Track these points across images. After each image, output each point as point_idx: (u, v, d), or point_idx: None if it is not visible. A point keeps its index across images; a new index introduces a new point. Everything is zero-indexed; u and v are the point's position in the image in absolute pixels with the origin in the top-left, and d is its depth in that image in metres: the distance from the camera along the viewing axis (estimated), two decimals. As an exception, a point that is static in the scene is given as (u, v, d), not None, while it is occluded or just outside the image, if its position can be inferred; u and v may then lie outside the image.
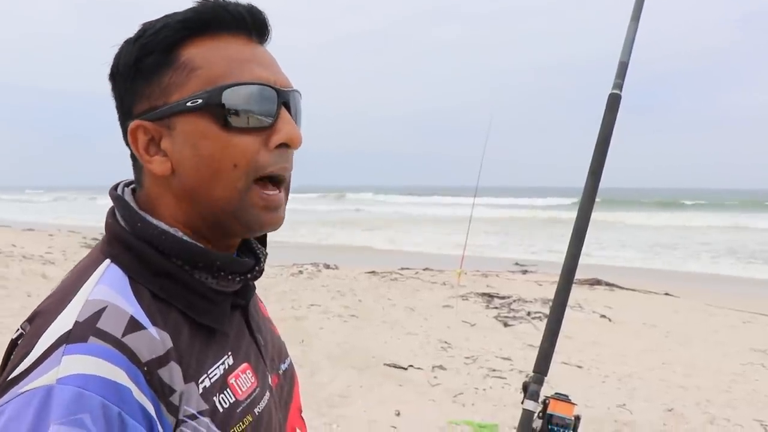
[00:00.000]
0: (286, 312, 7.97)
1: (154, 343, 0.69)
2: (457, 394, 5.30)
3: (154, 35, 0.74)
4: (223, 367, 0.78)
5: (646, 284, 11.40)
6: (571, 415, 1.19)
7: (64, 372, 0.62)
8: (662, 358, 6.73)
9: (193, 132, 0.73)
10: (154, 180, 0.77)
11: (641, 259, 16.60)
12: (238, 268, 0.80)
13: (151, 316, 0.71)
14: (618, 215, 30.44)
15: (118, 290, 0.71)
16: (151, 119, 0.74)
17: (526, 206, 41.15)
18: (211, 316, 0.78)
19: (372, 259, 14.74)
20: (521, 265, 14.39)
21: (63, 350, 0.63)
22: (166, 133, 0.74)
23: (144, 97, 0.75)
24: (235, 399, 0.77)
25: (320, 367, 5.78)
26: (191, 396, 0.72)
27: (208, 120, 0.73)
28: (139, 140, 0.75)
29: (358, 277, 11.50)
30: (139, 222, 0.75)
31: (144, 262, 0.74)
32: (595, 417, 4.84)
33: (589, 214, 1.30)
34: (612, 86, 1.34)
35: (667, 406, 5.22)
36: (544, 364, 1.22)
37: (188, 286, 0.76)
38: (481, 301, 9.49)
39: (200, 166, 0.74)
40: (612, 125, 1.33)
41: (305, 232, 20.82)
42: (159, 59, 0.74)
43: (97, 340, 0.65)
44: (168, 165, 0.75)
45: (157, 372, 0.68)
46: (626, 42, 1.37)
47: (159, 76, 0.74)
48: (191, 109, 0.73)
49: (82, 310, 0.67)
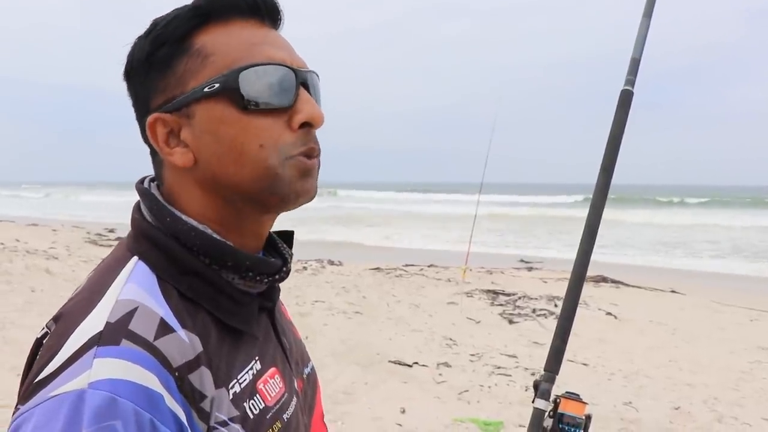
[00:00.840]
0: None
1: (184, 346, 0.67)
2: (462, 392, 5.27)
3: (165, 27, 0.72)
4: (252, 372, 0.76)
5: (652, 281, 11.36)
6: (582, 414, 1.17)
7: (95, 376, 0.60)
8: (669, 356, 6.70)
9: (212, 118, 0.71)
10: (177, 173, 0.75)
11: (647, 256, 16.55)
12: (266, 269, 0.77)
13: (180, 317, 0.69)
14: (624, 212, 30.38)
15: (147, 289, 0.69)
16: (169, 110, 0.73)
17: (529, 204, 41.11)
18: (240, 318, 0.76)
19: (376, 255, 14.74)
20: (526, 261, 14.37)
21: (94, 353, 0.61)
22: (185, 123, 0.73)
23: (160, 90, 0.73)
24: (264, 405, 0.76)
25: (324, 364, 5.75)
26: (222, 402, 0.70)
27: (226, 104, 0.71)
28: (158, 134, 0.73)
29: (362, 273, 11.49)
30: (169, 217, 0.73)
31: (171, 260, 0.72)
32: (601, 415, 4.81)
33: (601, 210, 1.29)
34: (624, 82, 1.32)
35: (673, 404, 5.19)
36: (555, 363, 1.20)
37: (216, 285, 0.73)
38: (486, 298, 9.47)
39: (224, 151, 0.71)
40: (624, 122, 1.31)
41: (307, 228, 20.82)
42: (172, 50, 0.72)
43: (129, 343, 0.63)
44: (190, 155, 0.73)
45: (188, 377, 0.66)
46: (638, 38, 1.36)
47: (173, 67, 0.72)
48: (208, 94, 0.71)
49: (113, 310, 0.65)
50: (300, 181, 0.74)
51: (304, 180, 0.74)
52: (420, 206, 38.62)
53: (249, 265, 0.75)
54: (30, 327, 6.03)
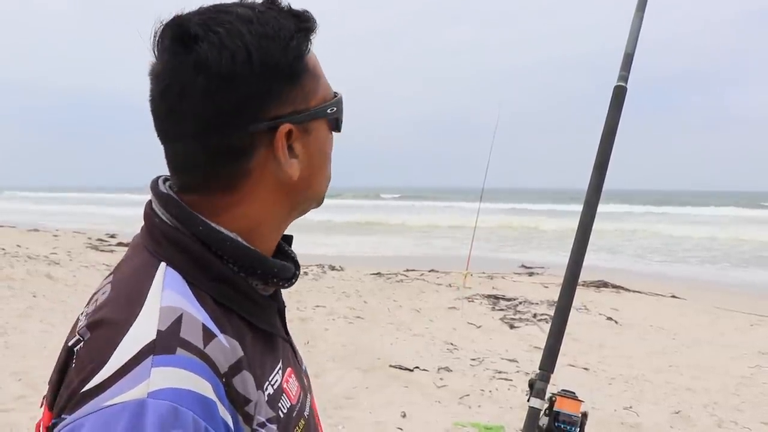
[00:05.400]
0: (291, 313, 7.96)
1: (226, 351, 0.67)
2: (463, 396, 5.28)
3: (299, 38, 0.74)
4: (280, 372, 0.78)
5: (653, 286, 11.34)
6: (578, 412, 1.17)
7: (155, 385, 0.59)
8: (669, 361, 6.70)
9: (323, 136, 0.80)
10: (268, 183, 0.75)
11: (647, 262, 16.53)
12: (287, 274, 0.80)
13: (218, 322, 0.69)
14: (624, 216, 30.33)
15: (185, 296, 0.68)
16: (295, 122, 0.75)
17: (531, 211, 41.01)
18: (268, 321, 0.79)
19: (377, 260, 14.73)
20: (528, 267, 14.35)
21: (151, 361, 0.61)
22: (300, 137, 0.76)
23: (287, 101, 0.74)
24: (290, 404, 0.78)
25: (326, 369, 5.76)
26: (262, 404, 0.71)
27: (327, 125, 0.80)
28: (282, 143, 0.74)
29: (363, 278, 11.50)
30: (201, 226, 0.73)
31: (201, 267, 0.72)
32: (601, 419, 4.81)
33: (595, 208, 1.29)
34: (617, 78, 1.32)
35: (674, 409, 5.19)
36: (550, 361, 1.21)
37: (244, 291, 0.75)
38: (487, 303, 9.47)
39: (321, 166, 0.81)
40: (618, 118, 1.31)
41: (307, 235, 20.80)
42: (304, 63, 0.75)
43: (184, 351, 0.63)
44: (299, 168, 0.77)
45: (233, 382, 0.67)
46: (631, 33, 1.35)
47: (302, 81, 0.75)
48: (328, 116, 0.79)
49: (161, 317, 0.64)
50: None
51: None
52: (426, 210, 38.54)
53: (276, 272, 0.77)
54: (31, 332, 6.05)
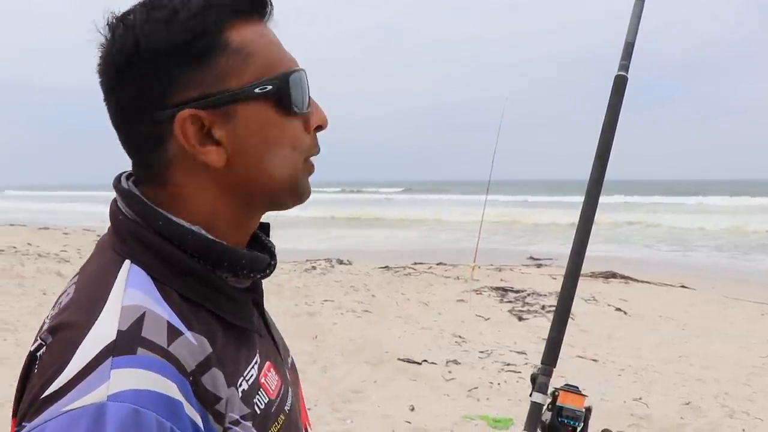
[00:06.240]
0: (299, 308, 7.99)
1: (194, 349, 0.65)
2: (472, 389, 5.28)
3: (203, 16, 0.69)
4: (257, 366, 0.76)
5: (662, 277, 11.29)
6: (582, 407, 1.16)
7: (115, 388, 0.57)
8: (679, 351, 6.67)
9: (259, 119, 0.72)
10: (196, 173, 0.72)
11: (656, 252, 16.46)
12: (258, 265, 0.77)
13: (185, 319, 0.67)
14: (633, 207, 30.21)
15: (149, 293, 0.66)
16: (205, 107, 0.69)
17: (538, 203, 40.90)
18: (240, 315, 0.76)
19: (385, 254, 14.73)
20: (535, 258, 14.32)
21: (110, 363, 0.58)
22: (220, 122, 0.70)
23: (192, 84, 0.69)
24: (268, 399, 0.75)
25: (334, 363, 5.77)
26: (234, 401, 0.69)
27: (271, 107, 0.72)
28: (189, 130, 0.69)
29: (371, 272, 11.49)
30: (161, 220, 0.71)
31: (166, 262, 0.70)
32: (611, 410, 4.80)
33: (597, 199, 1.27)
34: (618, 68, 1.31)
35: (684, 400, 5.17)
36: (552, 355, 1.19)
37: (213, 285, 0.72)
38: (495, 295, 9.45)
39: (265, 154, 0.73)
40: (619, 108, 1.30)
41: (315, 229, 20.84)
42: (212, 42, 0.69)
43: (145, 350, 0.61)
44: (225, 155, 0.72)
45: (201, 380, 0.65)
46: (632, 21, 1.33)
47: (211, 61, 0.69)
48: (258, 95, 0.71)
49: (121, 317, 0.62)
50: (307, 182, 0.79)
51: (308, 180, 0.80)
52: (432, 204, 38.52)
53: (244, 263, 0.75)
54: (42, 329, 6.08)
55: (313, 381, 5.15)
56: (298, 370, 0.97)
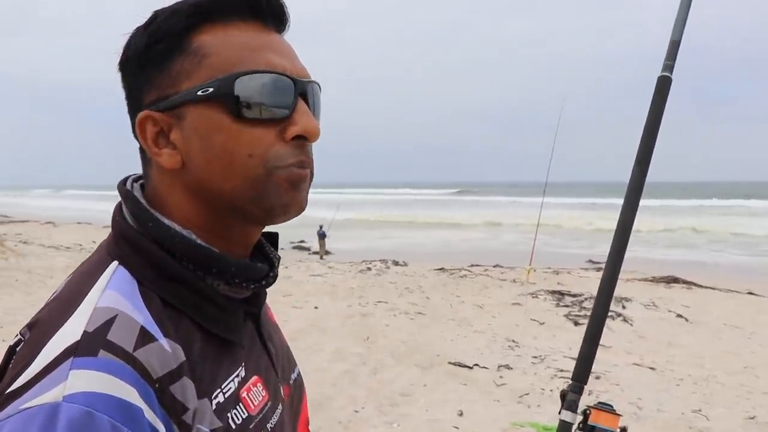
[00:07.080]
0: (353, 309, 8.02)
1: (165, 356, 0.64)
2: (523, 395, 5.19)
3: (165, 21, 0.70)
4: (237, 380, 0.74)
5: (728, 282, 10.86)
6: (617, 428, 1.11)
7: (71, 389, 0.57)
8: (744, 362, 6.39)
9: (203, 123, 0.69)
10: (164, 174, 0.73)
11: (722, 256, 15.85)
12: (252, 275, 0.75)
13: (162, 325, 0.66)
14: (697, 210, 29.16)
15: (128, 296, 0.66)
16: (161, 109, 0.70)
17: (597, 205, 39.98)
18: (225, 325, 0.74)
19: (441, 256, 14.66)
20: (595, 262, 14.00)
21: (70, 364, 0.58)
22: (175, 124, 0.70)
23: (154, 87, 0.71)
24: (247, 414, 0.73)
25: (384, 365, 5.77)
26: (205, 413, 0.67)
27: (219, 110, 0.68)
28: (147, 132, 0.71)
29: (426, 274, 11.46)
30: (151, 222, 0.70)
31: (154, 266, 0.69)
32: (668, 422, 4.64)
33: (636, 206, 1.21)
34: (662, 68, 1.24)
35: (748, 414, 4.95)
36: (583, 371, 1.14)
37: (201, 292, 0.71)
38: (552, 299, 9.29)
39: (211, 158, 0.69)
40: (661, 110, 1.23)
41: (371, 230, 20.91)
42: (169, 46, 0.69)
43: (107, 353, 0.60)
44: (178, 158, 0.70)
45: (169, 389, 0.64)
46: (678, 20, 1.26)
47: (169, 64, 0.70)
48: (201, 98, 0.68)
49: (91, 318, 0.62)
50: (290, 192, 0.71)
51: (294, 191, 0.72)
52: (490, 206, 38.15)
53: (234, 272, 0.73)
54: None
55: (362, 383, 5.16)
56: (348, 372, 0.93)
